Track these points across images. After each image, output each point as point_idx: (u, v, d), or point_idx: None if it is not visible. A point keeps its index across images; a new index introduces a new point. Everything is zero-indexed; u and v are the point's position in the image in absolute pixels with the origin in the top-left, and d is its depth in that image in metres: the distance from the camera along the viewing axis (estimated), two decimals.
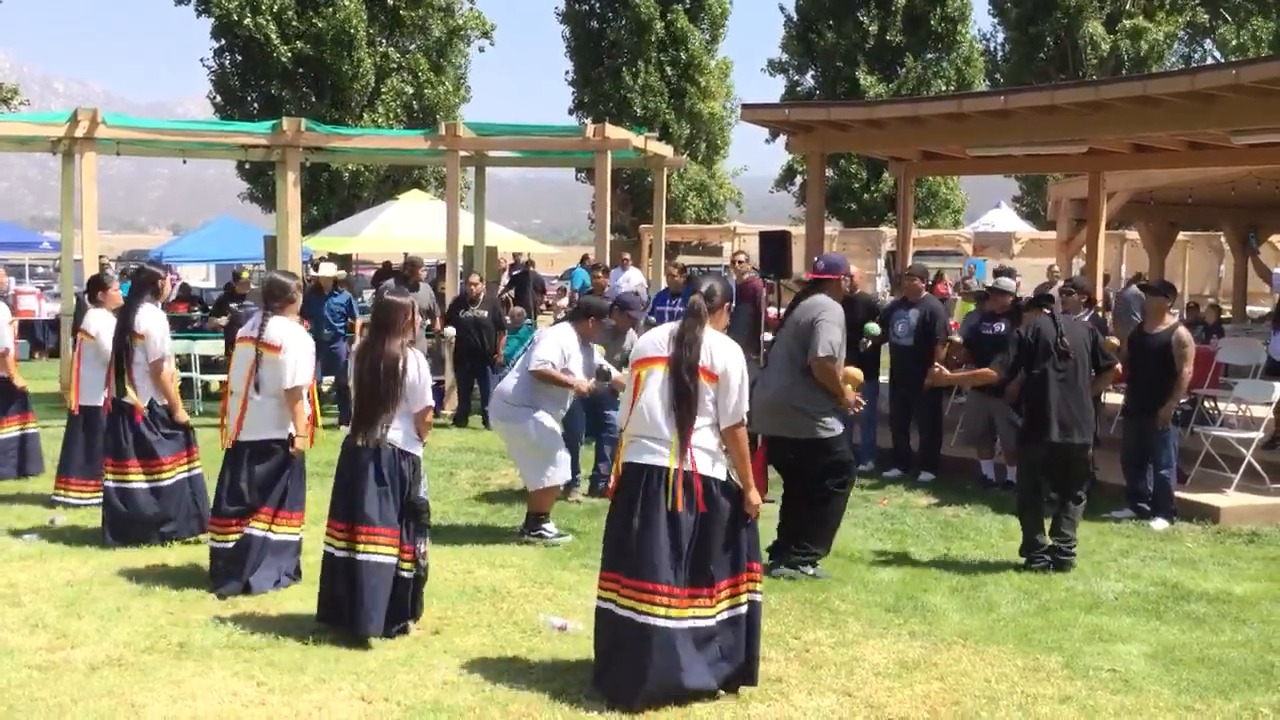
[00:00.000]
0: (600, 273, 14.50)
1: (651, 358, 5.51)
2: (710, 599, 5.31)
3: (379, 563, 6.08)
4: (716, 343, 5.44)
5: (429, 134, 15.65)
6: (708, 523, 5.32)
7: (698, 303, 5.46)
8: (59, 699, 5.28)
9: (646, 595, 5.23)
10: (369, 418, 6.16)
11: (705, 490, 5.32)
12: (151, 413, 8.13)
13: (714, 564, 5.32)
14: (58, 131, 13.18)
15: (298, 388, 6.96)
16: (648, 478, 5.35)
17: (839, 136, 13.89)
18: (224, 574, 6.96)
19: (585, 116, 36.06)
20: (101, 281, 9.28)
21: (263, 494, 7.00)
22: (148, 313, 8.12)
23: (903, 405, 10.96)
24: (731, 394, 5.37)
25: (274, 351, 6.94)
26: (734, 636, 5.36)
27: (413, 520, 6.21)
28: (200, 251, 26.90)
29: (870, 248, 28.47)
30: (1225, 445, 9.91)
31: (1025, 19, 37.59)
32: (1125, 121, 11.32)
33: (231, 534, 6.99)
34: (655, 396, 5.40)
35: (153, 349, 8.06)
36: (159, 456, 8.12)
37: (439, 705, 5.26)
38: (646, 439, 5.40)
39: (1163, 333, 9.11)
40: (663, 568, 5.23)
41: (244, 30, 30.08)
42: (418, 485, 6.26)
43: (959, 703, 5.41)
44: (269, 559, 7.00)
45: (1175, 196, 18.78)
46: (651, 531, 5.27)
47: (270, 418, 7.00)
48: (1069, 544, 7.80)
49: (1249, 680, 5.77)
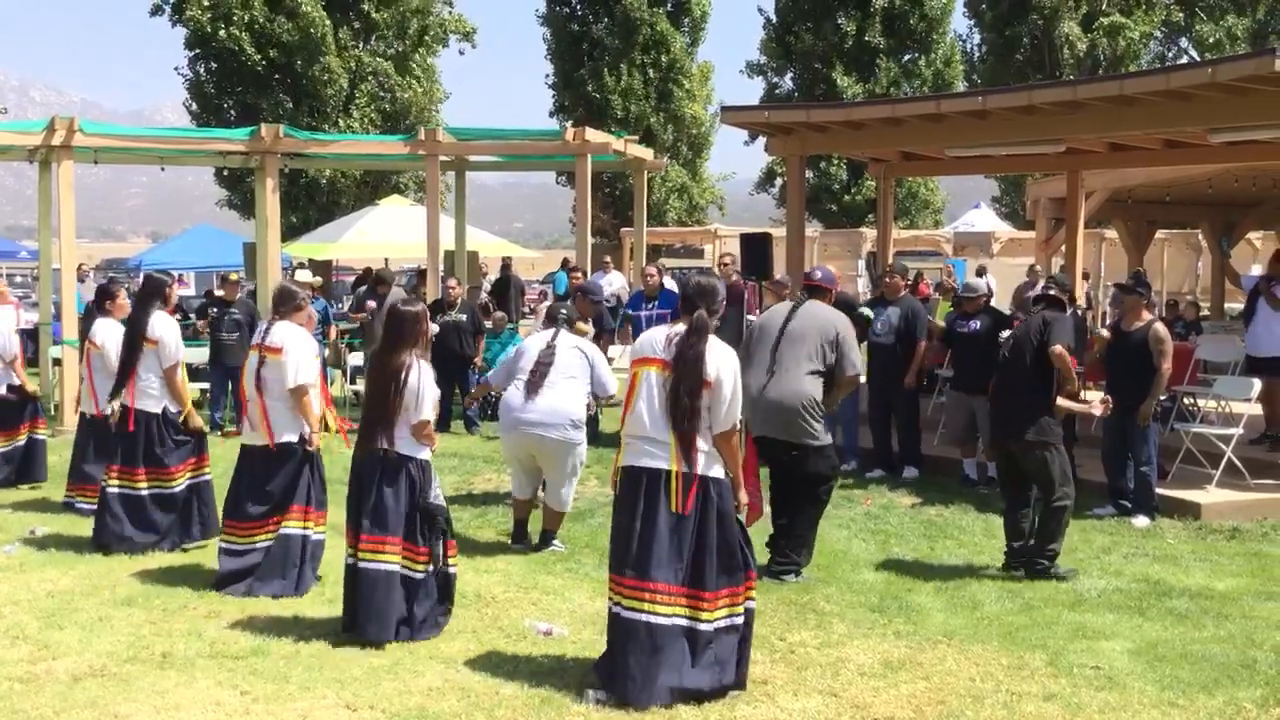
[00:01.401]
0: (579, 274, 14.51)
1: (649, 358, 5.55)
2: (710, 604, 5.35)
3: (382, 570, 6.12)
4: (714, 349, 5.48)
5: (408, 139, 15.63)
6: (707, 524, 5.37)
7: (702, 318, 5.48)
8: (41, 711, 5.24)
9: (647, 594, 5.30)
10: (372, 426, 6.22)
11: (704, 491, 5.38)
12: (164, 419, 8.17)
13: (714, 570, 5.37)
14: (35, 140, 13.10)
15: (301, 386, 7.07)
16: (649, 481, 5.41)
17: (818, 138, 13.92)
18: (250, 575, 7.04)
19: (566, 120, 36.03)
20: (110, 291, 9.36)
21: (289, 494, 7.10)
22: (160, 319, 8.21)
23: (882, 404, 10.99)
24: (724, 401, 5.42)
25: (275, 354, 7.08)
26: (729, 645, 5.41)
27: (427, 524, 6.24)
28: (179, 259, 26.79)
29: (851, 249, 28.55)
30: (1205, 442, 9.96)
31: (1001, 20, 37.71)
32: (1103, 121, 11.37)
33: (262, 534, 7.08)
34: (653, 400, 5.45)
35: (167, 354, 8.14)
36: (167, 465, 8.17)
37: (424, 712, 5.24)
38: (645, 442, 5.45)
39: (1140, 329, 9.15)
40: (662, 567, 5.30)
41: (218, 41, 29.97)
42: (429, 489, 6.28)
43: (944, 702, 5.43)
44: (309, 561, 7.15)
45: (1153, 195, 18.88)
46: (653, 532, 5.34)
47: (283, 420, 7.11)
48: (1043, 552, 7.55)
49: (1232, 675, 5.80)
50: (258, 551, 7.11)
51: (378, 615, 6.10)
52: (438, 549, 6.26)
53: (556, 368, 7.96)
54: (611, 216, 35.61)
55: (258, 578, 7.04)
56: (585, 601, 6.91)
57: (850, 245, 28.87)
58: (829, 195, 36.80)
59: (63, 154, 12.99)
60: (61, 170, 13.04)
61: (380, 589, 6.11)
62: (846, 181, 36.53)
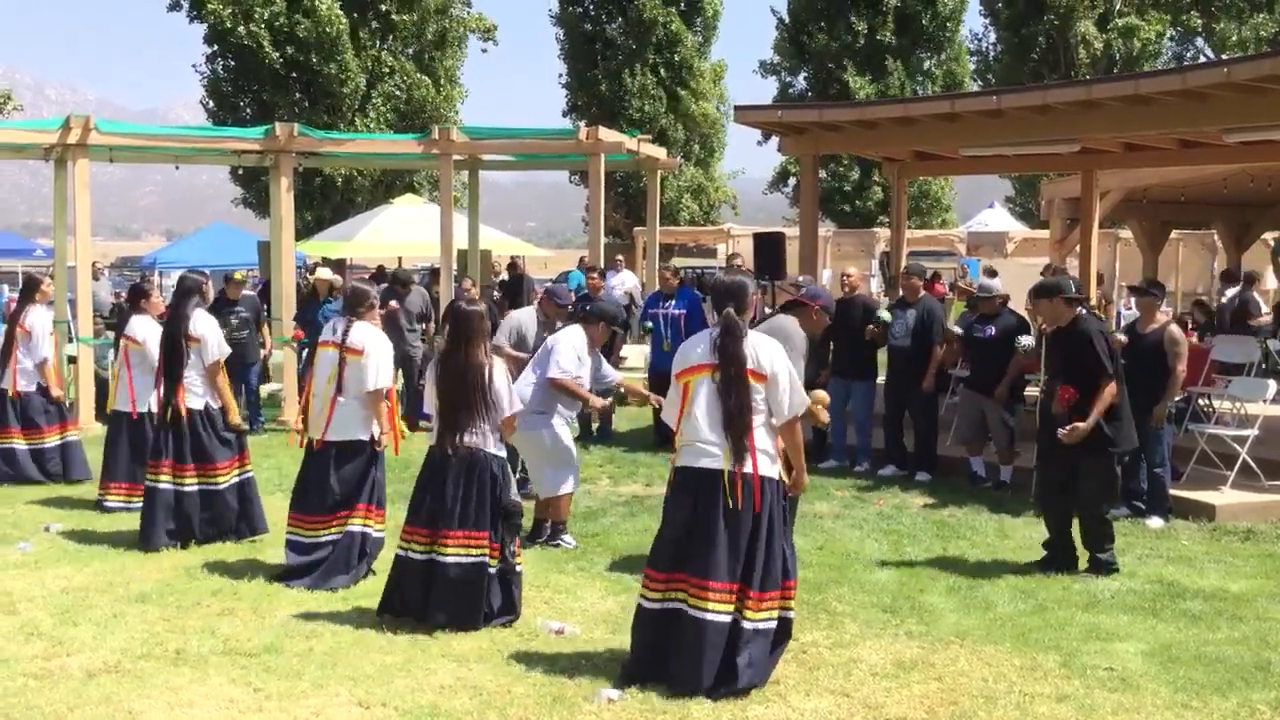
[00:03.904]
0: (595, 274, 14.50)
1: (697, 365, 5.62)
2: (755, 604, 5.42)
3: (476, 564, 6.26)
4: (760, 344, 5.56)
5: (423, 138, 15.65)
6: (760, 524, 5.44)
7: (730, 316, 5.54)
8: (55, 707, 5.27)
9: (696, 590, 5.40)
10: (455, 425, 6.32)
11: (763, 491, 5.44)
12: (208, 416, 8.24)
13: (763, 571, 5.43)
14: (50, 138, 13.15)
15: (380, 390, 7.21)
16: (705, 481, 5.48)
17: (831, 138, 13.91)
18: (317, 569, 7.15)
19: (580, 119, 36.03)
20: (143, 289, 9.52)
21: (356, 491, 7.22)
22: (201, 317, 8.32)
23: (898, 405, 10.98)
24: (782, 391, 5.51)
25: (357, 355, 7.19)
26: (763, 647, 5.47)
27: (503, 521, 6.37)
28: (194, 257, 26.81)
29: (864, 249, 28.50)
30: (1220, 443, 9.92)
31: (1017, 20, 37.63)
32: (1117, 120, 11.33)
33: (327, 530, 7.19)
34: (706, 404, 5.52)
35: (209, 352, 8.26)
36: (215, 462, 8.24)
37: (436, 710, 5.26)
38: (701, 444, 5.52)
39: (1155, 331, 9.12)
40: (717, 565, 5.38)
41: (237, 38, 30.05)
42: (508, 488, 6.42)
43: (956, 702, 5.42)
44: (367, 558, 7.28)
45: (1168, 195, 18.81)
46: (708, 531, 5.42)
47: (355, 419, 7.22)
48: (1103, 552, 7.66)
49: (1246, 678, 5.78)
50: (324, 546, 7.20)
51: (472, 607, 6.26)
52: (509, 546, 6.41)
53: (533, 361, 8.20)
54: (624, 216, 35.62)
55: (323, 573, 7.15)
56: (597, 601, 6.92)
57: (863, 245, 28.82)
58: (842, 195, 36.75)
59: (78, 152, 13.04)
60: (77, 169, 13.09)
61: (477, 582, 6.26)
62: (860, 181, 36.47)
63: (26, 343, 10.22)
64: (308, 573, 7.17)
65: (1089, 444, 7.47)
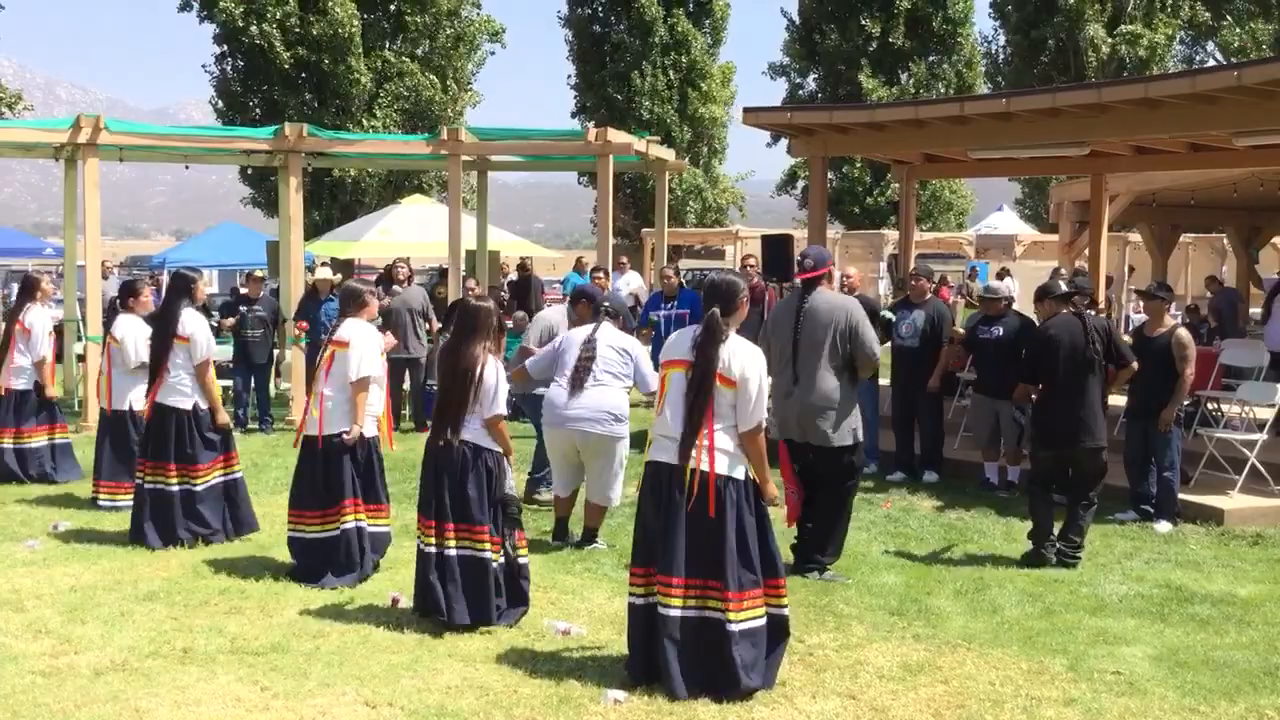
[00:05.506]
0: (601, 274, 14.51)
1: (676, 360, 5.69)
2: (736, 604, 5.38)
3: (481, 558, 6.30)
4: (738, 349, 5.57)
5: (432, 139, 15.66)
6: (724, 523, 5.41)
7: (713, 318, 5.57)
8: (63, 705, 5.28)
9: (668, 589, 5.41)
10: (447, 418, 6.37)
11: (720, 490, 5.44)
12: (195, 416, 8.23)
13: (735, 569, 5.41)
14: (61, 138, 13.20)
15: (363, 379, 7.21)
16: (663, 475, 5.54)
17: (841, 139, 13.89)
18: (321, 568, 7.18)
19: (588, 120, 36.02)
20: (134, 288, 9.47)
21: (343, 486, 7.22)
22: (190, 316, 8.29)
23: (905, 407, 10.95)
24: (750, 400, 5.52)
25: (342, 347, 7.24)
26: (754, 647, 5.43)
27: (501, 513, 6.41)
28: (203, 257, 26.84)
29: (872, 251, 28.47)
30: (1229, 447, 9.89)
31: (1026, 22, 37.61)
32: (1127, 123, 11.31)
33: (323, 525, 7.20)
34: (676, 398, 5.59)
35: (198, 351, 8.23)
36: (197, 462, 8.23)
37: (443, 709, 5.26)
38: (666, 438, 5.59)
39: (1163, 335, 9.11)
40: (674, 560, 5.40)
41: (248, 37, 30.10)
42: (504, 481, 6.44)
43: (963, 706, 5.41)
44: (368, 553, 7.28)
45: (1177, 198, 18.76)
46: (666, 525, 5.46)
47: (343, 412, 7.24)
48: (1074, 547, 7.91)
49: (1254, 682, 5.77)
50: (327, 541, 7.22)
51: (482, 601, 6.29)
52: (510, 539, 6.44)
53: (599, 363, 8.01)
54: (632, 217, 35.60)
55: (333, 571, 7.17)
56: (604, 601, 6.92)
57: (872, 247, 28.79)
58: (851, 197, 36.71)
59: (88, 152, 13.08)
60: (87, 168, 13.14)
61: (483, 576, 6.30)
62: (869, 184, 36.43)
63: (25, 341, 10.24)
64: (312, 571, 7.19)
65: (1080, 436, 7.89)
